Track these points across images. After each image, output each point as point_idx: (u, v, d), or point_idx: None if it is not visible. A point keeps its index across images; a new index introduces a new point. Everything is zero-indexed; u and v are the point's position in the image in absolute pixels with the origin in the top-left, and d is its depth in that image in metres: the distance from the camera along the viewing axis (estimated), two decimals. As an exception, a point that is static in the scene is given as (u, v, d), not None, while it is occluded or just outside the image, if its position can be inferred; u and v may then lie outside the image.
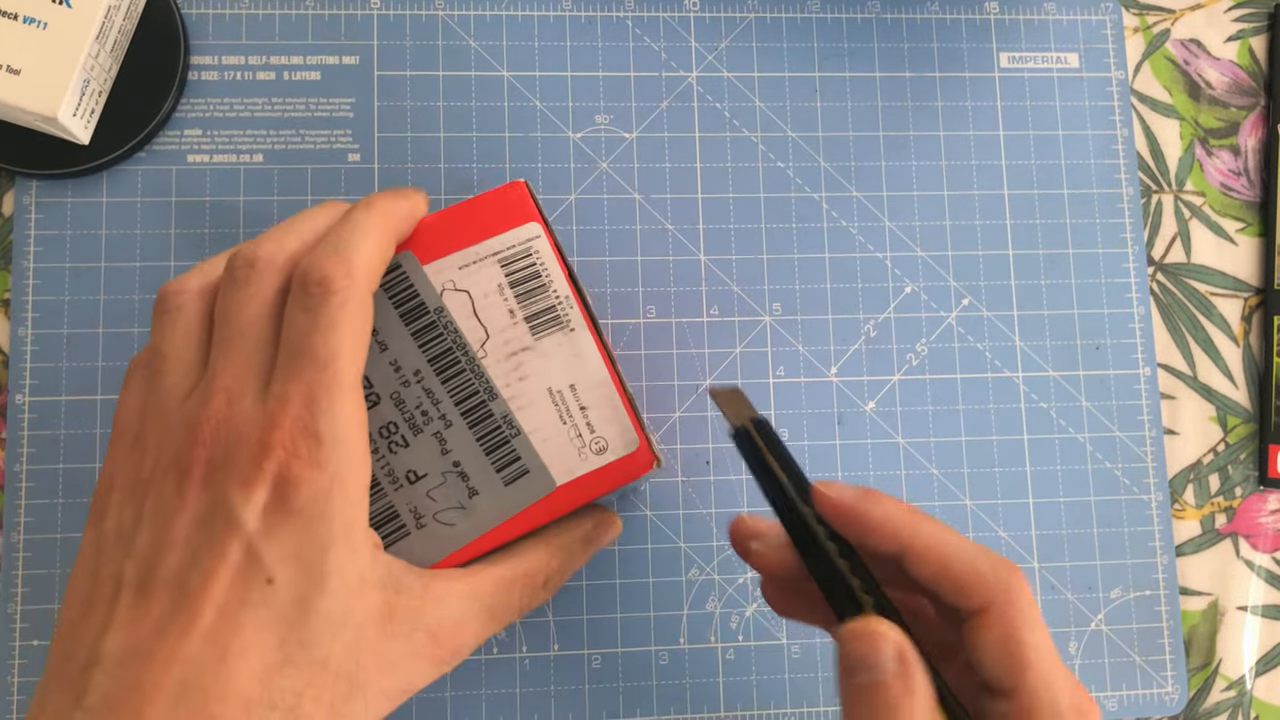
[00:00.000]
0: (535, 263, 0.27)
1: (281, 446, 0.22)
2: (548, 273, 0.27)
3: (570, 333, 0.27)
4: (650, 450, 0.27)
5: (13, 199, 0.38)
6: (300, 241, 0.25)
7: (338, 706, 0.23)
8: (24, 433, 0.36)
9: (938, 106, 0.41)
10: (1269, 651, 0.40)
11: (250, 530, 0.22)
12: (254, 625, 0.22)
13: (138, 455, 0.24)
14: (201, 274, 0.26)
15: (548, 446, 0.26)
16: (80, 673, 0.22)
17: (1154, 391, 0.40)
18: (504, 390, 0.26)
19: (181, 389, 0.24)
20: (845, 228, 0.40)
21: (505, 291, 0.27)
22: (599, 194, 0.39)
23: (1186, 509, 0.40)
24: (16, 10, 0.34)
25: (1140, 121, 0.42)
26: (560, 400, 0.27)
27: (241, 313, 0.24)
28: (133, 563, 0.23)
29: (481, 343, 0.27)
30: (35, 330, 0.37)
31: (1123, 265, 0.41)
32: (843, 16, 0.42)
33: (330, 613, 0.23)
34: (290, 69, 0.39)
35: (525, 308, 0.27)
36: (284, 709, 0.22)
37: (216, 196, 0.38)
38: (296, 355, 0.23)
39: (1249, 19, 0.43)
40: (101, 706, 0.21)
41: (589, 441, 0.27)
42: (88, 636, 0.23)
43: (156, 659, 0.21)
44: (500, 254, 0.27)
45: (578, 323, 0.27)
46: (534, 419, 0.26)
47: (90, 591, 0.23)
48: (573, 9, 0.41)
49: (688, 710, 0.37)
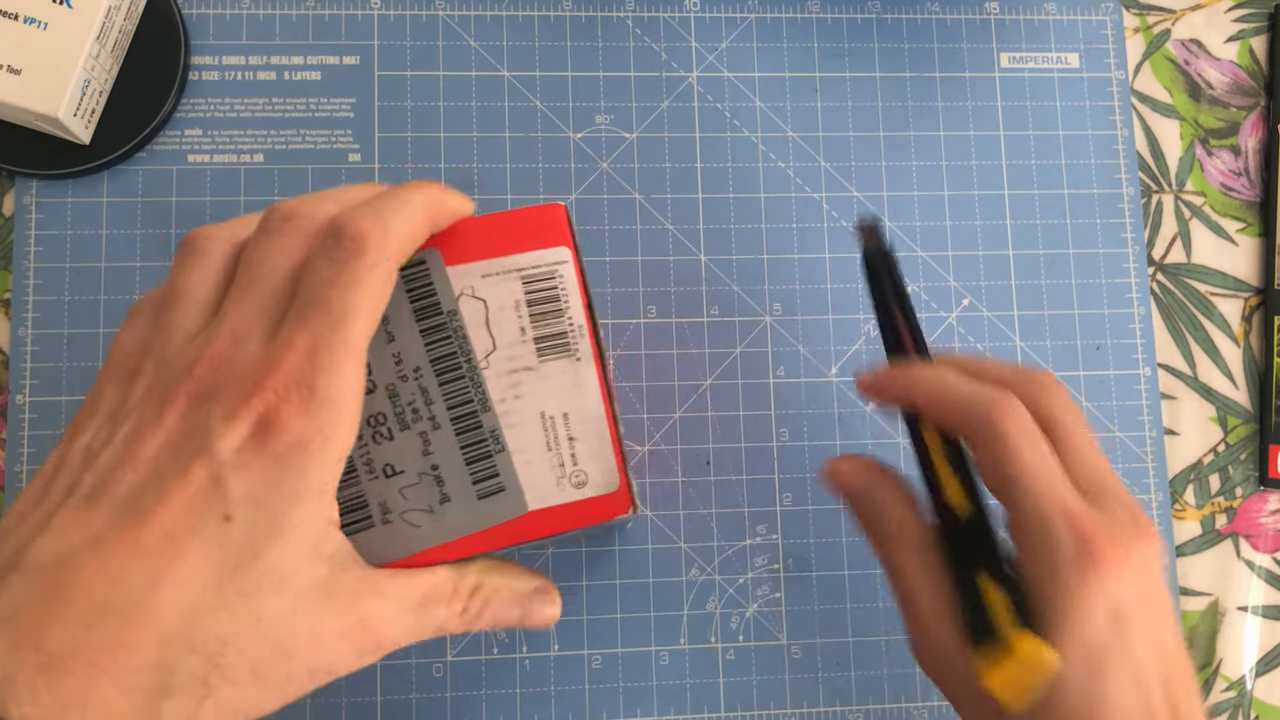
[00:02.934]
0: (557, 286, 0.27)
1: (274, 390, 0.22)
2: (567, 299, 0.27)
3: (576, 362, 0.26)
4: (629, 494, 0.26)
5: (13, 199, 0.38)
6: (340, 207, 0.24)
7: (260, 668, 0.22)
8: (24, 433, 0.36)
9: (938, 106, 0.41)
10: (1269, 652, 0.40)
11: (221, 459, 0.21)
12: (197, 558, 0.21)
13: (127, 387, 0.23)
14: (233, 225, 0.25)
15: (529, 469, 0.26)
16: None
17: (1154, 392, 0.40)
18: (498, 405, 0.26)
19: (189, 329, 0.24)
20: (845, 228, 0.40)
21: (521, 309, 0.26)
22: (599, 194, 0.39)
23: (1187, 509, 0.40)
24: (17, 10, 0.34)
25: (1140, 122, 0.42)
26: (551, 426, 0.26)
27: (266, 260, 0.23)
28: (90, 474, 0.22)
29: (487, 354, 0.26)
30: (35, 330, 0.37)
31: (1123, 265, 0.41)
32: (843, 16, 0.42)
33: (279, 568, 0.22)
34: (291, 69, 0.39)
35: (537, 328, 0.27)
36: (204, 655, 0.21)
37: (217, 196, 0.38)
38: (311, 305, 0.23)
39: (1249, 19, 0.43)
40: (6, 616, 0.20)
41: (570, 473, 0.26)
42: (14, 541, 0.21)
43: (82, 571, 0.20)
44: (525, 271, 0.27)
45: (585, 354, 0.27)
46: (521, 439, 0.26)
47: (37, 500, 0.22)
48: (573, 9, 0.41)
49: (688, 710, 0.37)
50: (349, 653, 0.24)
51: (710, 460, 0.38)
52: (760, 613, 0.38)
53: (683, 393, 0.38)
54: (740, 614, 0.38)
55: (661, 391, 0.38)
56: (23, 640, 0.20)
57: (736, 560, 0.38)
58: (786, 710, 0.37)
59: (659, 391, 0.38)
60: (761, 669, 0.37)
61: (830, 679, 0.38)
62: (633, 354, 0.38)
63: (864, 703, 0.38)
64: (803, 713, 0.37)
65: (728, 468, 0.38)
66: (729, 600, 0.38)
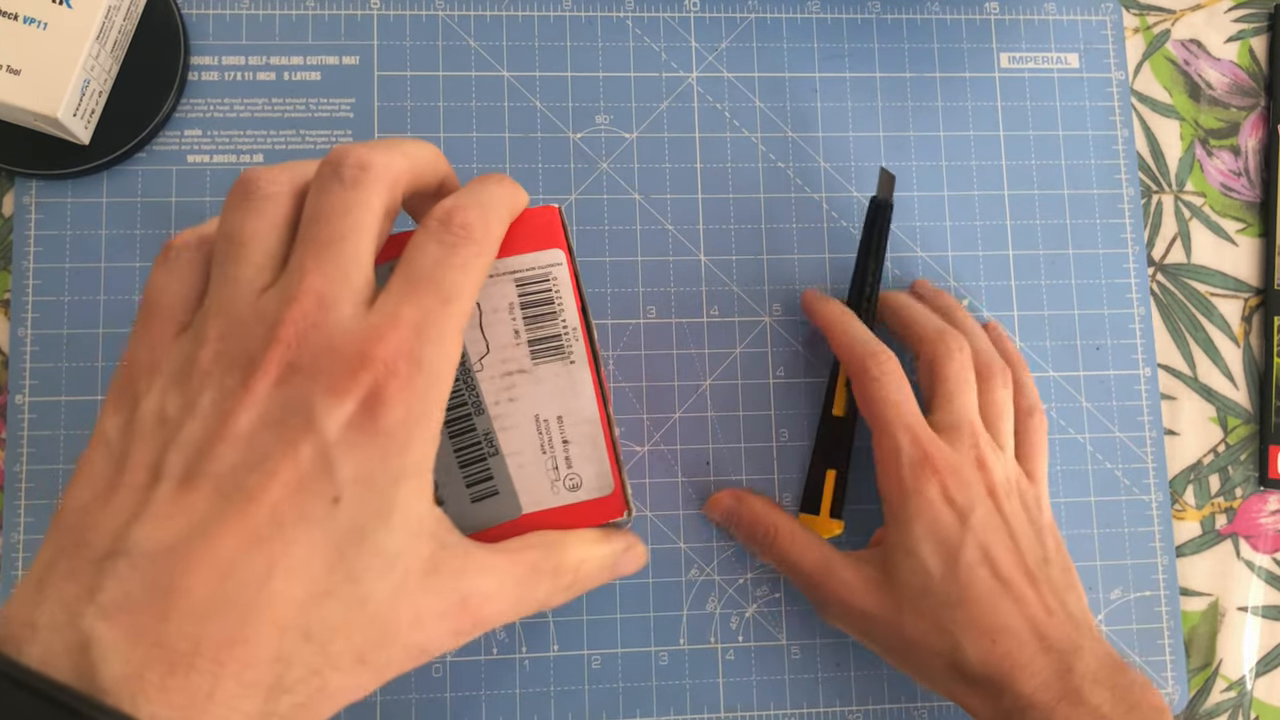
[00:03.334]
0: (551, 289, 0.27)
1: (383, 362, 0.20)
2: (561, 301, 0.27)
3: (570, 364, 0.26)
4: (623, 497, 0.26)
5: (13, 199, 0.38)
6: (409, 164, 0.23)
7: (365, 653, 0.21)
8: (24, 433, 0.36)
9: (938, 107, 0.41)
10: (1269, 652, 0.40)
11: (329, 438, 0.20)
12: (307, 544, 0.20)
13: (190, 343, 0.22)
14: (291, 171, 0.23)
15: (523, 472, 0.26)
16: (97, 563, 0.19)
17: (1154, 392, 0.40)
18: (492, 408, 0.26)
19: (258, 282, 0.22)
20: (845, 228, 0.40)
21: (515, 311, 0.26)
22: (599, 194, 0.39)
23: (1187, 509, 0.40)
24: (16, 10, 0.34)
25: (1140, 122, 0.42)
26: (545, 429, 0.26)
27: (347, 215, 0.22)
28: (177, 452, 0.20)
29: (480, 356, 0.26)
30: (35, 331, 0.37)
31: (1123, 266, 0.41)
32: (843, 17, 0.42)
33: (386, 550, 0.21)
34: (290, 69, 0.39)
35: (531, 331, 0.26)
36: (318, 642, 0.20)
37: (216, 197, 0.38)
38: (420, 280, 0.22)
39: (1249, 19, 0.43)
40: (119, 606, 0.19)
41: (564, 476, 0.26)
42: (109, 524, 0.20)
43: (195, 561, 0.19)
44: (518, 273, 0.27)
45: (579, 357, 0.26)
46: (515, 442, 0.26)
47: (114, 477, 0.21)
48: (573, 9, 0.41)
49: (687, 711, 0.37)
50: (447, 633, 0.23)
51: (710, 460, 0.38)
52: (760, 613, 0.38)
53: (682, 393, 0.38)
54: (740, 614, 0.38)
55: (661, 392, 0.38)
56: (142, 634, 0.18)
57: (736, 560, 0.38)
58: (786, 710, 0.37)
59: (659, 392, 0.38)
60: (761, 669, 0.37)
61: (830, 679, 0.38)
62: (632, 354, 0.38)
63: (864, 703, 0.38)
64: (803, 713, 0.37)
65: (728, 468, 0.38)
66: (729, 600, 0.38)
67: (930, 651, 0.32)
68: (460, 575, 0.23)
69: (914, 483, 0.32)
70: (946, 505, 0.32)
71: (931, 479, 0.32)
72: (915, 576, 0.32)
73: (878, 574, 0.33)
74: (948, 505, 0.32)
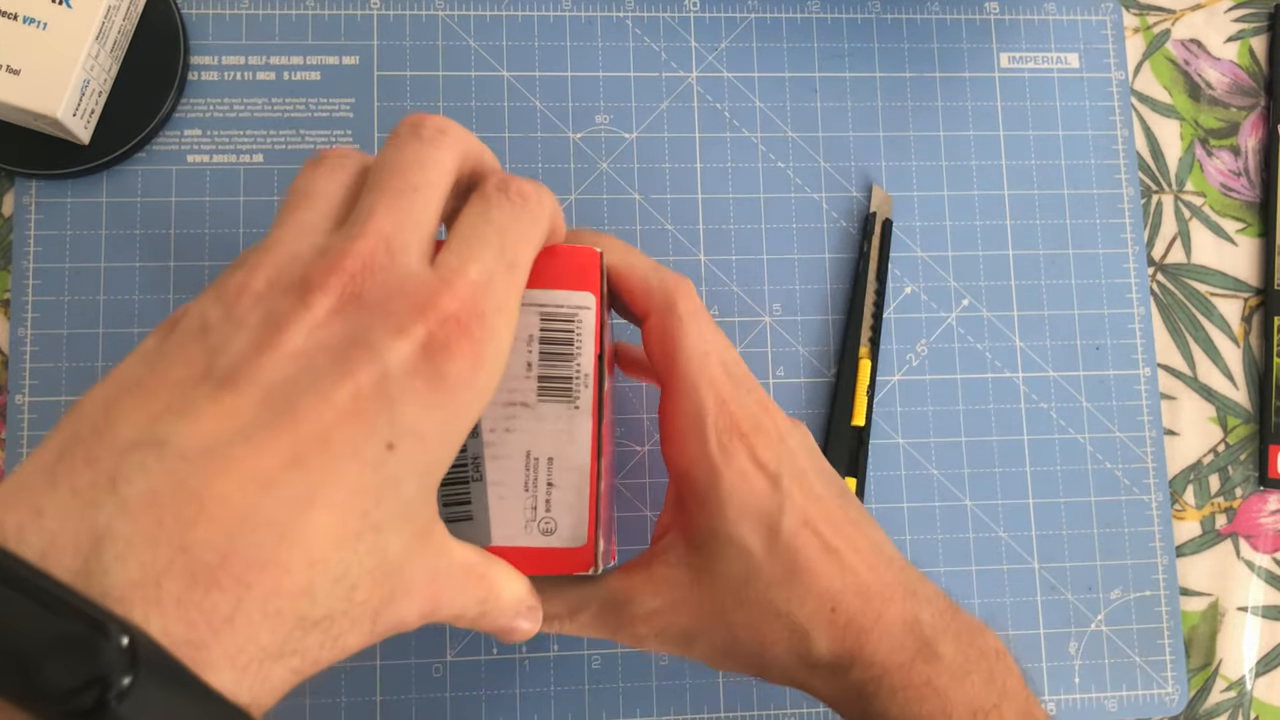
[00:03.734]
0: (574, 331, 0.26)
1: (449, 312, 0.19)
2: (580, 345, 0.26)
3: (574, 410, 0.26)
4: (594, 553, 0.26)
5: (13, 199, 0.38)
6: (478, 145, 0.23)
7: (378, 608, 0.20)
8: (24, 433, 0.36)
9: (938, 107, 0.41)
10: (1269, 652, 0.40)
11: (393, 370, 0.18)
12: (351, 482, 0.18)
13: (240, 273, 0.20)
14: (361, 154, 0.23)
15: (501, 505, 0.26)
16: (121, 450, 0.17)
17: (1154, 392, 0.40)
18: (487, 434, 0.26)
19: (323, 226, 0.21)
20: (845, 228, 0.40)
21: (533, 344, 0.26)
22: (599, 194, 0.39)
23: (1187, 509, 0.40)
24: (16, 10, 0.34)
25: (1140, 122, 0.42)
26: (534, 467, 0.26)
27: (422, 169, 0.21)
28: (223, 355, 0.18)
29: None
30: (35, 330, 0.37)
31: (1123, 265, 0.41)
32: (843, 17, 0.42)
33: (411, 504, 0.20)
34: (290, 69, 0.39)
35: (544, 367, 0.26)
36: (345, 586, 0.18)
37: (216, 197, 0.38)
38: (486, 240, 0.21)
39: (1249, 19, 0.43)
40: (144, 501, 0.16)
41: (540, 518, 0.26)
42: (139, 415, 0.17)
43: (235, 467, 0.17)
44: (545, 308, 0.26)
45: (585, 404, 0.26)
46: (501, 473, 0.26)
47: (147, 377, 0.18)
48: (573, 9, 0.41)
49: (687, 711, 0.37)
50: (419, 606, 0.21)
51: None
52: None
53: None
54: (740, 614, 0.38)
55: (661, 392, 0.38)
56: (165, 536, 0.16)
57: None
58: (786, 710, 0.37)
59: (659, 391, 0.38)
60: (761, 669, 0.37)
61: (830, 679, 0.38)
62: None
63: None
64: (802, 713, 0.37)
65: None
66: (729, 600, 0.38)
67: (765, 643, 0.27)
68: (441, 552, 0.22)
69: (723, 455, 0.27)
70: (758, 471, 0.27)
71: (739, 445, 0.27)
72: (736, 564, 0.27)
73: (685, 575, 0.28)
74: (759, 471, 0.27)
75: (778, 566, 0.27)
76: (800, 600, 0.27)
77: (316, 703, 0.36)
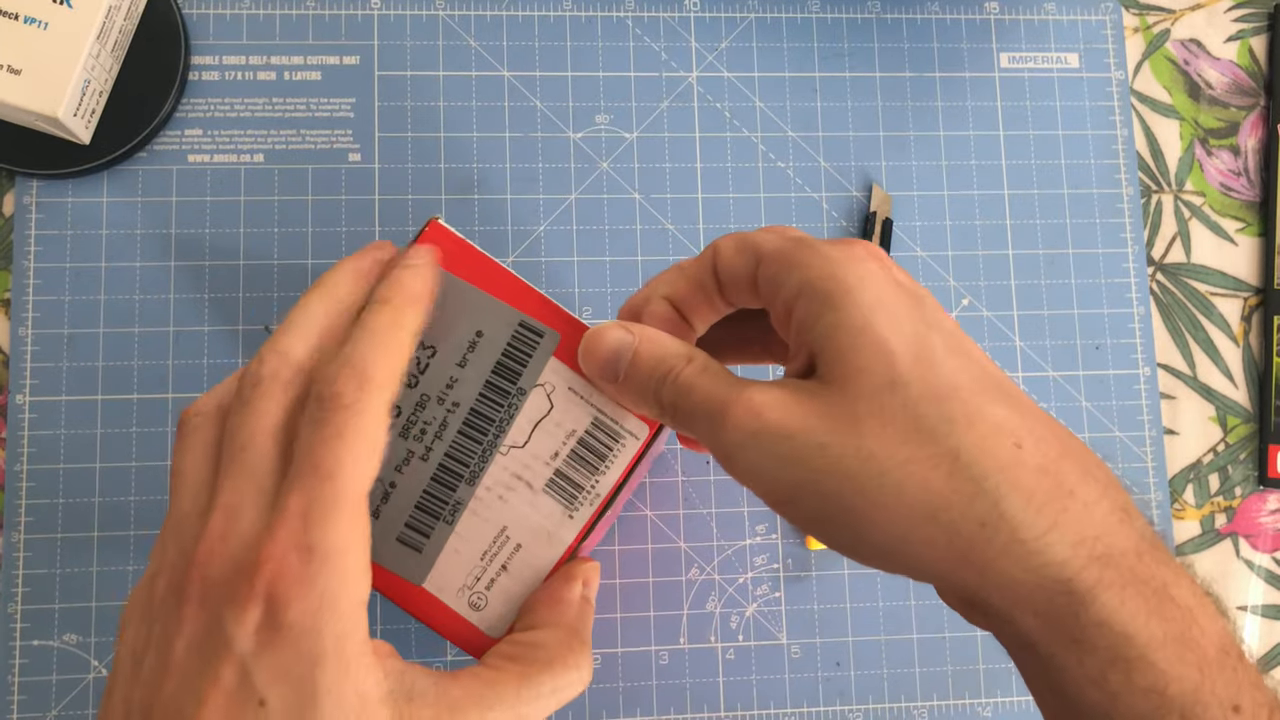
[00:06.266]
0: (613, 451, 0.26)
1: (272, 561, 0.22)
2: (609, 466, 0.26)
3: (567, 518, 0.26)
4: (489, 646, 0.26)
5: (13, 199, 0.38)
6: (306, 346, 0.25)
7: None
8: (24, 433, 0.36)
9: (938, 106, 0.41)
10: (1269, 651, 0.40)
11: (243, 651, 0.22)
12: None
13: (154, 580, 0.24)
14: (216, 395, 0.25)
15: (451, 559, 0.26)
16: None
17: (1154, 391, 0.40)
18: (481, 490, 0.26)
19: (193, 511, 0.24)
20: (846, 228, 0.40)
21: (570, 440, 0.26)
22: (599, 194, 0.39)
23: (1186, 509, 0.40)
24: (17, 10, 0.34)
25: (1140, 121, 0.42)
26: (500, 546, 0.26)
27: (243, 429, 0.24)
28: (139, 689, 0.23)
29: (514, 445, 0.26)
30: (35, 330, 0.37)
31: (1122, 265, 0.41)
32: (843, 16, 0.42)
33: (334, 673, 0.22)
34: (291, 69, 0.39)
35: (566, 466, 0.26)
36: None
37: (217, 196, 0.38)
38: (300, 468, 0.23)
39: (1249, 19, 0.43)
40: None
41: (475, 593, 0.26)
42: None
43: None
44: (601, 415, 0.26)
45: (580, 518, 0.26)
46: (470, 530, 0.26)
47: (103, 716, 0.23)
48: (573, 9, 0.41)
49: (688, 710, 0.37)
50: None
51: (710, 460, 0.38)
52: (760, 612, 0.38)
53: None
54: (740, 614, 0.38)
55: (661, 391, 0.38)
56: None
57: (736, 560, 0.38)
58: (786, 710, 0.37)
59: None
60: (761, 669, 0.37)
61: (830, 678, 0.38)
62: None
63: (864, 702, 0.38)
64: (803, 712, 0.37)
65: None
66: (729, 600, 0.38)
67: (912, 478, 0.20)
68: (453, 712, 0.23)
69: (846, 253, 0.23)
70: (892, 283, 0.22)
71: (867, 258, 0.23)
72: (875, 360, 0.21)
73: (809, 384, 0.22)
74: (893, 284, 0.22)
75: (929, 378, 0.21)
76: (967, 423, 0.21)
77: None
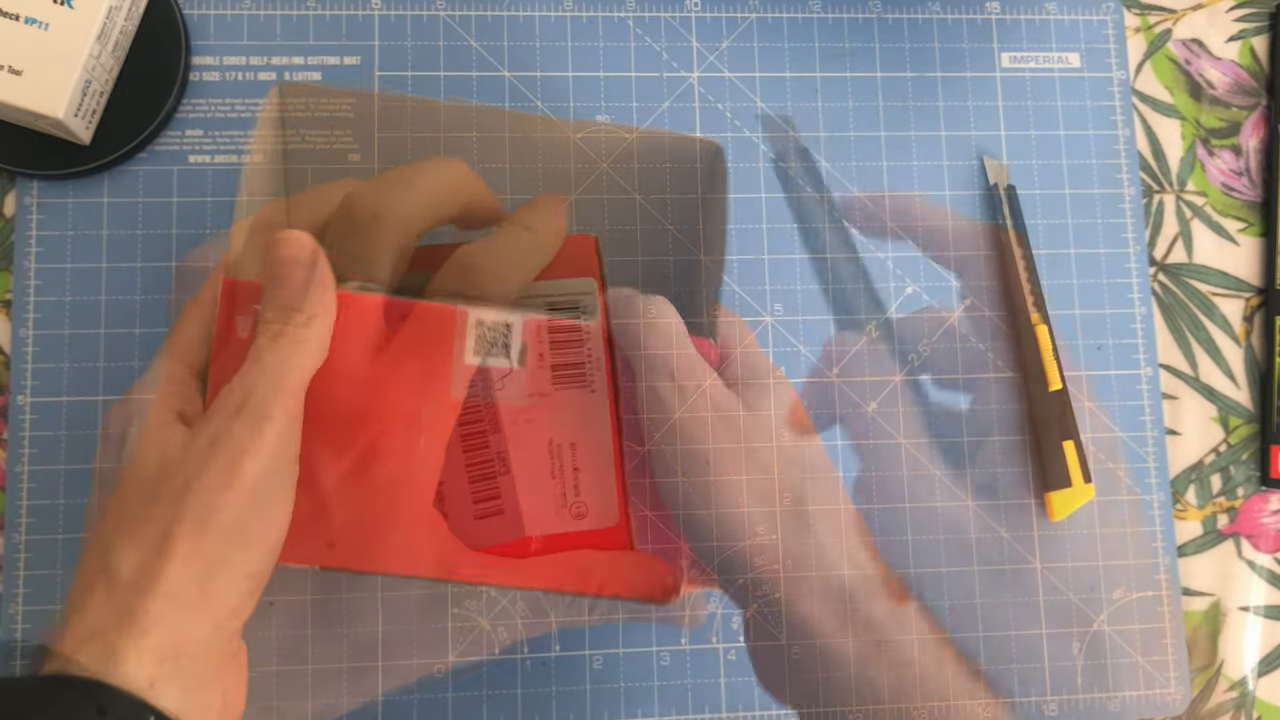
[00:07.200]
0: (579, 316, 0.26)
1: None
2: (588, 329, 0.26)
3: (590, 394, 0.26)
4: (627, 533, 0.26)
5: (14, 199, 0.38)
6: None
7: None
8: (25, 433, 0.36)
9: (939, 107, 0.41)
10: (1271, 652, 0.40)
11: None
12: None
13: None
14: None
15: (529, 496, 0.26)
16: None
17: (1155, 392, 0.40)
18: (508, 428, 0.26)
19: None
20: (846, 228, 0.40)
21: (543, 334, 0.26)
22: (599, 194, 0.39)
23: (1188, 509, 0.40)
24: (18, 11, 0.34)
25: (1142, 121, 0.42)
26: (558, 454, 0.26)
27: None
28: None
29: (503, 376, 0.26)
30: (36, 331, 0.37)
31: (1124, 265, 0.41)
32: (844, 16, 0.42)
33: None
34: (291, 69, 0.39)
35: (555, 355, 0.26)
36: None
37: (218, 197, 0.38)
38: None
39: (1250, 19, 0.43)
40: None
41: (571, 503, 0.26)
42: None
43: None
44: (550, 298, 0.26)
45: (600, 387, 0.26)
46: (525, 464, 0.26)
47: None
48: (574, 9, 0.41)
49: (689, 711, 0.37)
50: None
51: (710, 460, 0.38)
52: (760, 613, 0.38)
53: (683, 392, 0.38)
54: (741, 614, 0.38)
55: (662, 392, 0.38)
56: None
57: (737, 560, 0.38)
58: (787, 710, 0.37)
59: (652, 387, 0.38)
60: (762, 669, 0.37)
61: (830, 679, 0.38)
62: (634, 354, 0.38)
63: (863, 703, 0.38)
64: (802, 713, 0.37)
65: (727, 468, 0.38)
66: (730, 601, 0.38)
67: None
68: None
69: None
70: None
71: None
72: None
73: None
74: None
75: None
76: None
77: (317, 704, 0.36)
